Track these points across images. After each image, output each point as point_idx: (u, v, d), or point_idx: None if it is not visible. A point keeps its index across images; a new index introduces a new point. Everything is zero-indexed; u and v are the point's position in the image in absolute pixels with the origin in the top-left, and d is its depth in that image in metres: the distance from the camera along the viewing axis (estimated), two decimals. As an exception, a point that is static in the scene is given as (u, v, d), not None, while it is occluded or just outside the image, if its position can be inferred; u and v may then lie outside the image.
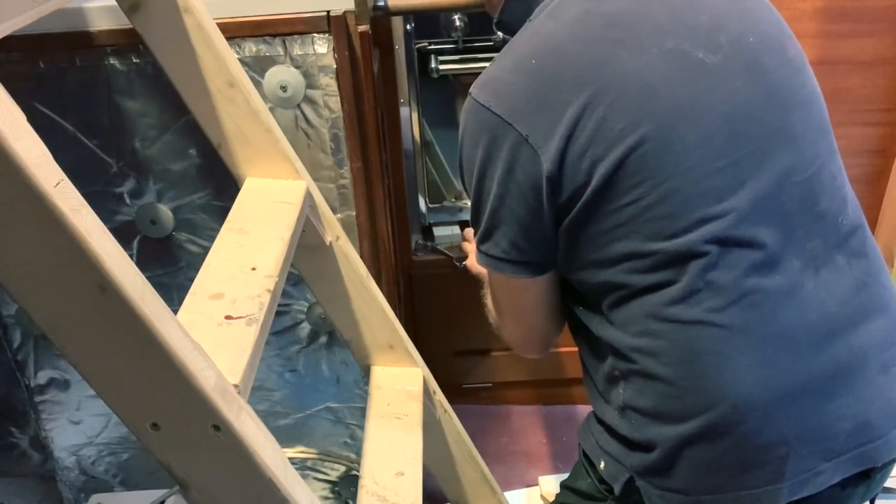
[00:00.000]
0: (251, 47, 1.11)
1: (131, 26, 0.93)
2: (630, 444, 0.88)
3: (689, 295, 0.80)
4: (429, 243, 1.87)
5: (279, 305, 1.22)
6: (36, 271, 0.52)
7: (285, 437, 1.43)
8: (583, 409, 1.91)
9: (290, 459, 0.98)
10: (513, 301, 0.96)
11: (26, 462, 1.46)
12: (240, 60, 1.02)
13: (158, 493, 1.42)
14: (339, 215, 1.22)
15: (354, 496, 1.35)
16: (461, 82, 1.86)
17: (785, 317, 0.80)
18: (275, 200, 0.97)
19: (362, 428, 1.09)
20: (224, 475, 0.62)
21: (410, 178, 1.79)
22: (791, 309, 0.81)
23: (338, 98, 1.14)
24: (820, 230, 0.83)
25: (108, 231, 0.54)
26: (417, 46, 1.77)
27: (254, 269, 0.84)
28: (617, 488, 0.90)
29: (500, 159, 0.82)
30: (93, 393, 0.59)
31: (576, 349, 0.98)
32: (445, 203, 1.94)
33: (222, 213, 0.99)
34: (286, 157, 1.00)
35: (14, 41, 0.92)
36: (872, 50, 1.62)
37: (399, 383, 1.15)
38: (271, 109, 1.10)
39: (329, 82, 1.13)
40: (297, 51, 1.11)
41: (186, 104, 0.97)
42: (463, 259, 1.29)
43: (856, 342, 0.83)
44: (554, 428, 1.91)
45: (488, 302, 1.04)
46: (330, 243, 1.06)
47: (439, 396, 1.21)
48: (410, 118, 1.74)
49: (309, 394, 1.40)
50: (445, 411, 1.21)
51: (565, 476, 1.06)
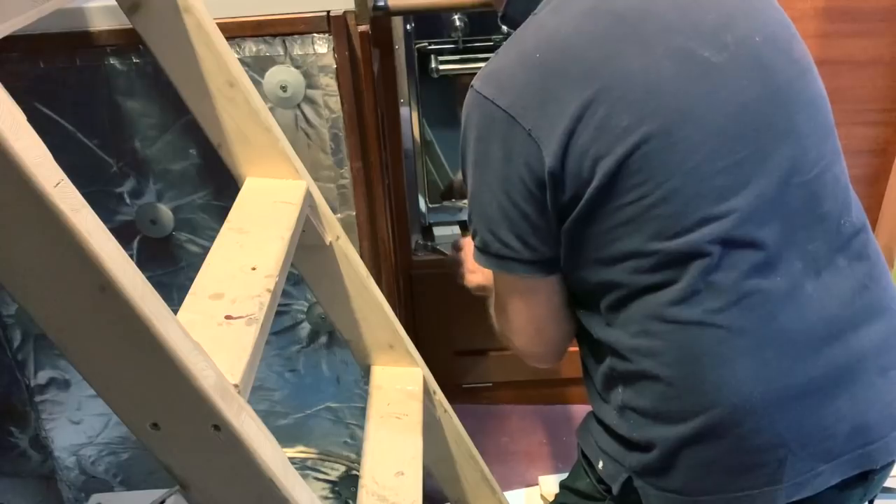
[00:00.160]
0: (251, 47, 1.11)
1: (131, 26, 0.93)
2: (628, 445, 0.88)
3: (689, 296, 0.80)
4: (429, 243, 1.87)
5: (279, 305, 1.21)
6: (36, 271, 0.52)
7: (285, 437, 1.43)
8: (582, 409, 1.90)
9: (290, 459, 0.98)
10: (522, 306, 0.92)
11: (26, 462, 1.46)
12: (240, 60, 1.02)
13: (158, 493, 1.42)
14: (339, 215, 1.22)
15: (354, 496, 1.35)
16: (461, 82, 1.86)
17: (785, 318, 0.80)
18: (275, 200, 0.97)
19: (362, 428, 1.09)
20: (224, 475, 0.62)
21: (410, 178, 1.79)
22: (791, 311, 0.81)
23: (338, 98, 1.14)
24: (822, 232, 0.83)
25: (108, 231, 0.54)
26: (417, 46, 1.77)
27: (254, 269, 0.84)
28: (615, 488, 0.90)
29: (504, 153, 0.81)
30: (93, 393, 0.59)
31: (576, 349, 0.97)
32: (445, 203, 1.94)
33: (222, 213, 0.98)
34: (286, 157, 1.00)
35: (14, 41, 0.93)
36: (872, 50, 1.62)
37: (399, 383, 1.15)
38: (271, 109, 1.09)
39: (329, 82, 1.13)
40: (297, 51, 1.11)
41: (186, 104, 0.97)
42: (457, 250, 1.23)
43: (855, 345, 0.83)
44: (554, 428, 1.90)
45: (494, 313, 0.99)
46: (330, 243, 1.05)
47: (439, 396, 1.20)
48: (410, 118, 1.74)
49: (309, 394, 1.40)
50: (445, 411, 1.21)
51: (565, 476, 1.06)
